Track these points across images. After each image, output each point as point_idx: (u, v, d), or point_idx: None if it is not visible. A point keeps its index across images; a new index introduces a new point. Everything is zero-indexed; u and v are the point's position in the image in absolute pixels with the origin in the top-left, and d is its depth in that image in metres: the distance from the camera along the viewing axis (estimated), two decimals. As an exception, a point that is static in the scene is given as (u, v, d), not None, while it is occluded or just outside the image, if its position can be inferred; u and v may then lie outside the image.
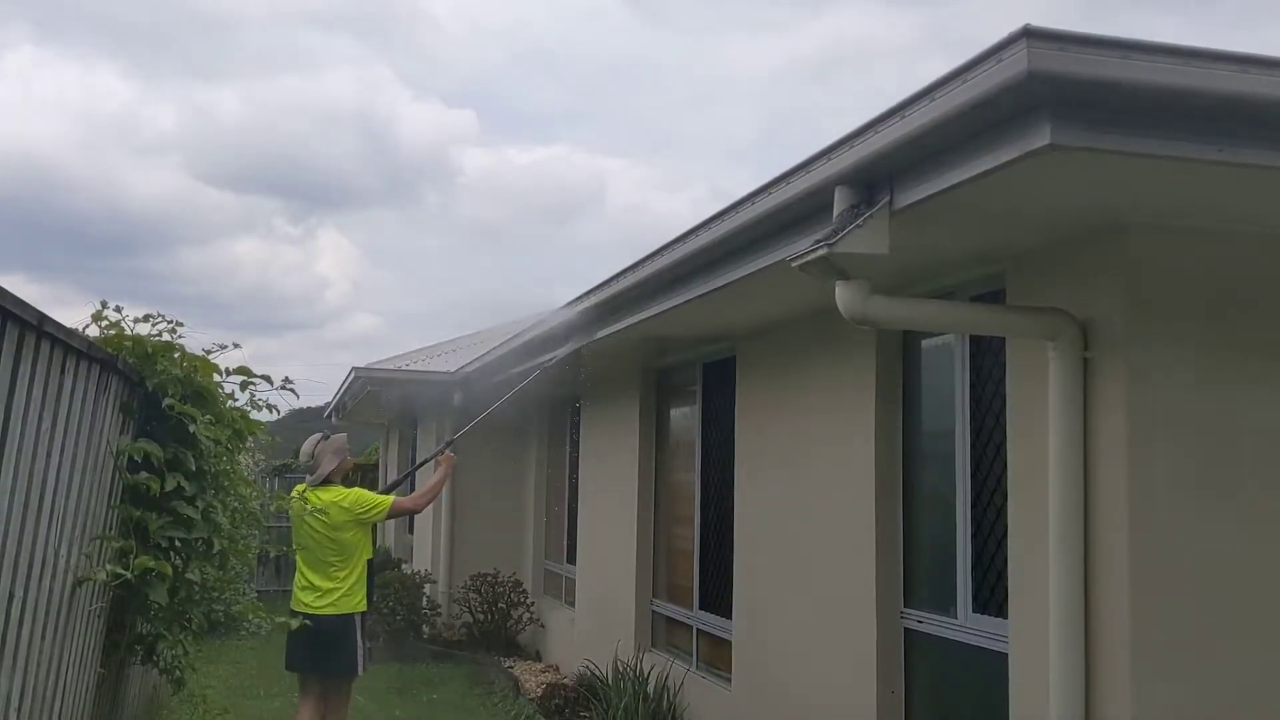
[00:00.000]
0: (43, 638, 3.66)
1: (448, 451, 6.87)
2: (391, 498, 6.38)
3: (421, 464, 7.87)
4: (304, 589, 6.11)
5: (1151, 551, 3.54)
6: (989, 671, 4.28)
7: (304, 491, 6.07)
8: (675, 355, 7.65)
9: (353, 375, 12.41)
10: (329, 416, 15.62)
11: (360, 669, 6.13)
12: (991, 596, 4.39)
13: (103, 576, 4.05)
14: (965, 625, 4.54)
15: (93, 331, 4.53)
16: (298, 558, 6.16)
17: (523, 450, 11.94)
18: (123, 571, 4.11)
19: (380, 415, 15.82)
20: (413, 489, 9.11)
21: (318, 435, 6.33)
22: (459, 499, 11.62)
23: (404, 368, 11.93)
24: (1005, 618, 4.15)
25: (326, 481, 6.13)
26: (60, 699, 4.01)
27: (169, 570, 4.41)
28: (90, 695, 4.57)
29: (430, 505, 7.24)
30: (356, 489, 6.26)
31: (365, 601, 6.13)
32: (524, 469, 11.94)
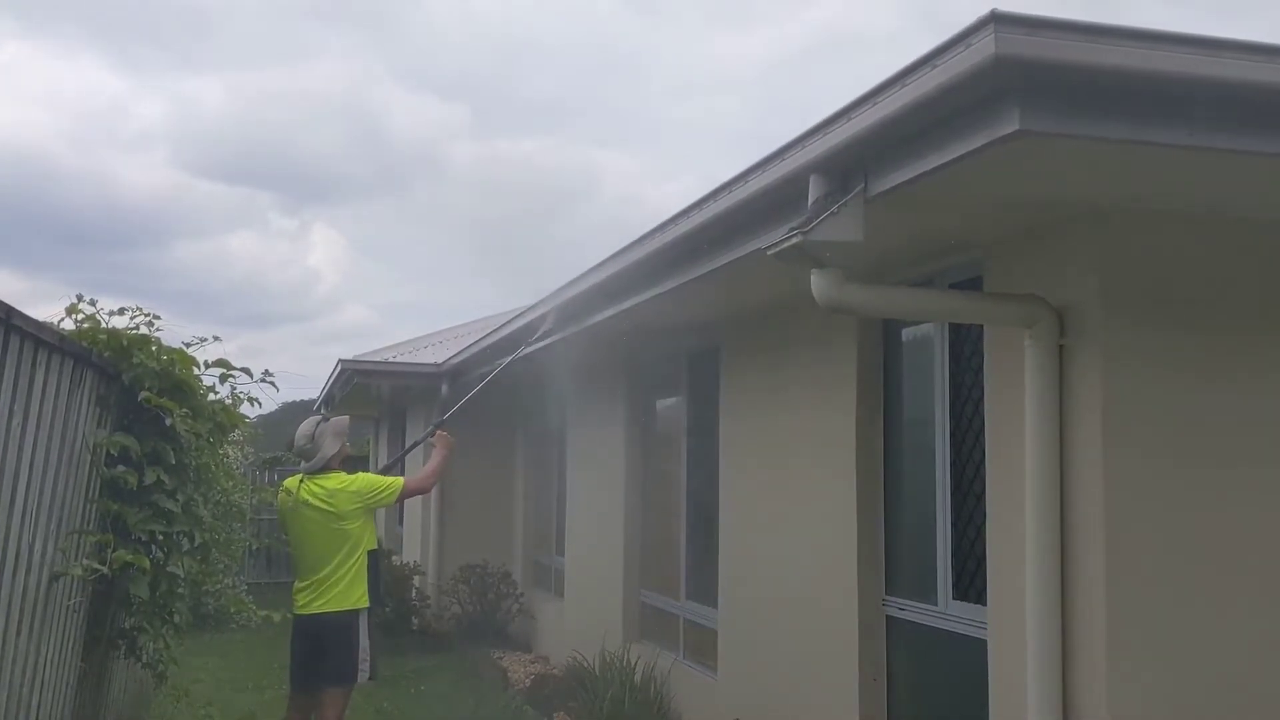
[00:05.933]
0: (18, 634, 3.65)
1: (440, 432, 6.21)
2: (402, 479, 5.82)
3: (411, 447, 7.38)
4: (299, 590, 5.55)
5: (1127, 538, 3.55)
6: (969, 658, 4.29)
7: (301, 481, 5.56)
8: (660, 346, 7.64)
9: (340, 368, 12.39)
10: (318, 409, 15.60)
11: (360, 675, 5.47)
12: (971, 584, 4.40)
13: (78, 571, 4.04)
14: (946, 612, 4.54)
15: (68, 325, 4.51)
16: (298, 554, 5.58)
17: (511, 442, 11.94)
18: (99, 566, 4.10)
19: (371, 407, 15.80)
20: (402, 473, 8.99)
21: (316, 417, 5.77)
22: (448, 491, 11.62)
23: (391, 359, 11.92)
24: (985, 604, 4.15)
25: (326, 468, 5.57)
26: (38, 695, 4.00)
27: (147, 564, 4.39)
28: (71, 691, 4.56)
29: (436, 484, 6.45)
30: (362, 473, 5.73)
31: (367, 596, 5.53)
32: (512, 461, 11.94)
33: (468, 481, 11.57)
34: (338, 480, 5.53)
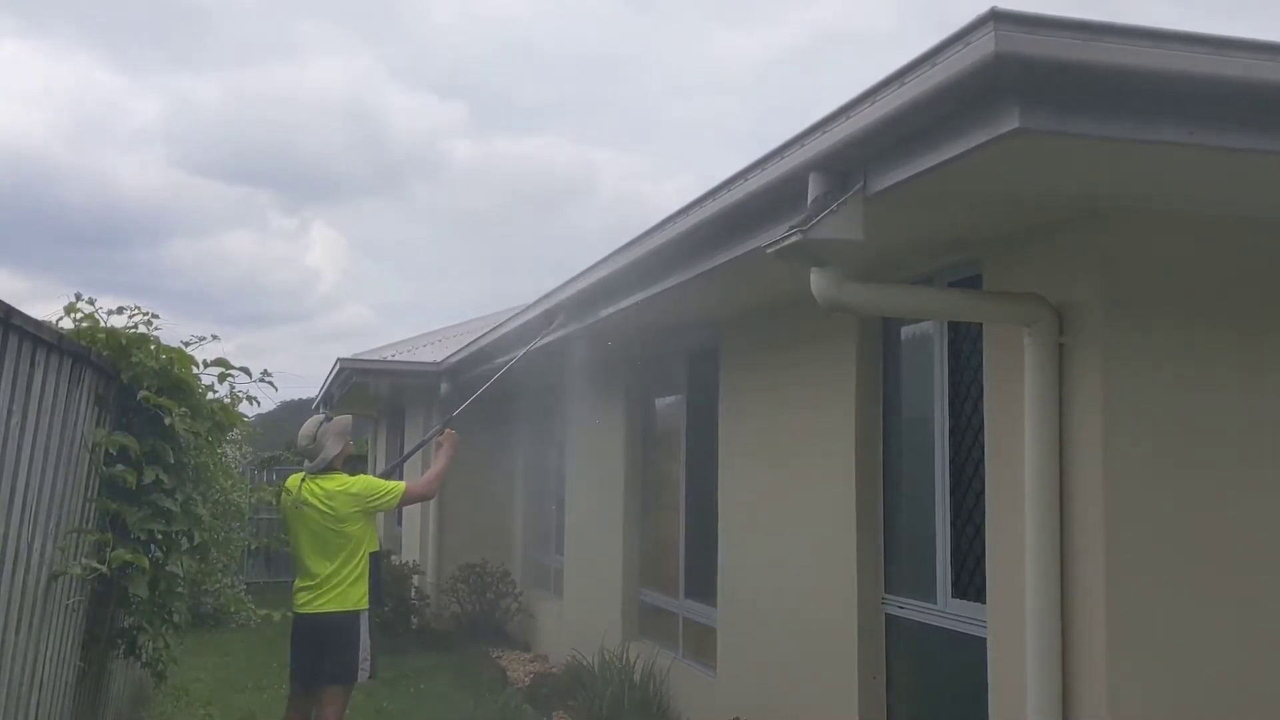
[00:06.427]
0: (16, 632, 3.65)
1: (448, 430, 6.15)
2: (404, 484, 5.74)
3: (418, 447, 7.21)
4: (300, 590, 5.52)
5: (1127, 536, 3.55)
6: (969, 656, 4.29)
7: (303, 481, 5.53)
8: (660, 345, 7.64)
9: (338, 366, 12.39)
10: (317, 408, 15.59)
11: (360, 675, 5.46)
12: (971, 582, 4.40)
13: (77, 570, 4.03)
14: (945, 610, 4.54)
15: (66, 324, 4.51)
16: (298, 554, 5.55)
17: (510, 441, 11.92)
18: (98, 565, 4.10)
19: (369, 406, 15.79)
20: (401, 476, 8.95)
21: (319, 416, 5.74)
22: (447, 490, 11.59)
23: (389, 358, 11.91)
24: (984, 603, 4.15)
25: (329, 468, 5.53)
26: (37, 693, 4.00)
27: (146, 563, 4.39)
28: (70, 689, 4.56)
29: (440, 489, 6.30)
30: (364, 476, 5.70)
31: (367, 598, 5.50)
32: (512, 460, 11.92)
33: (467, 481, 11.54)
34: (338, 482, 5.49)
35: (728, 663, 6.39)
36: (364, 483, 5.56)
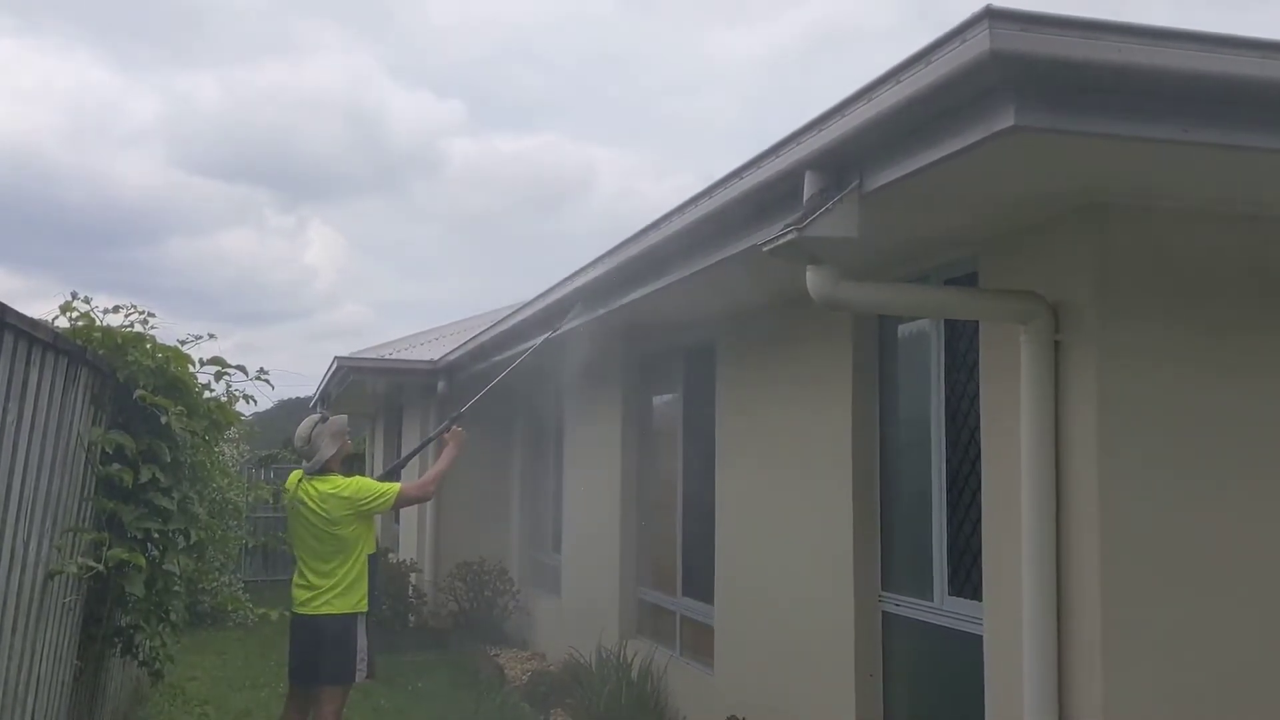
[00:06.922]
0: (13, 631, 3.65)
1: (455, 428, 6.02)
2: (398, 486, 5.65)
3: (422, 446, 7.03)
4: (298, 587, 5.51)
5: (1122, 534, 3.55)
6: (965, 654, 4.30)
7: (300, 481, 5.51)
8: (657, 343, 7.64)
9: (336, 365, 12.39)
10: (314, 407, 15.58)
11: (357, 675, 5.46)
12: (968, 579, 4.40)
13: (74, 569, 4.03)
14: (942, 608, 4.55)
15: (62, 323, 4.51)
16: (296, 553, 5.55)
17: (508, 439, 11.93)
18: (94, 564, 4.09)
19: (367, 404, 15.79)
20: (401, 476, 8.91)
21: (315, 417, 5.68)
22: (445, 488, 11.57)
23: (387, 356, 11.91)
24: (981, 600, 4.16)
25: (325, 469, 5.50)
26: (34, 692, 4.00)
27: (143, 562, 4.39)
28: (67, 688, 4.56)
29: (438, 491, 6.05)
30: (358, 478, 5.62)
31: (365, 601, 5.48)
32: (509, 458, 11.93)
33: (464, 479, 11.54)
34: (332, 484, 5.46)
35: (725, 660, 6.39)
36: (357, 485, 5.52)
